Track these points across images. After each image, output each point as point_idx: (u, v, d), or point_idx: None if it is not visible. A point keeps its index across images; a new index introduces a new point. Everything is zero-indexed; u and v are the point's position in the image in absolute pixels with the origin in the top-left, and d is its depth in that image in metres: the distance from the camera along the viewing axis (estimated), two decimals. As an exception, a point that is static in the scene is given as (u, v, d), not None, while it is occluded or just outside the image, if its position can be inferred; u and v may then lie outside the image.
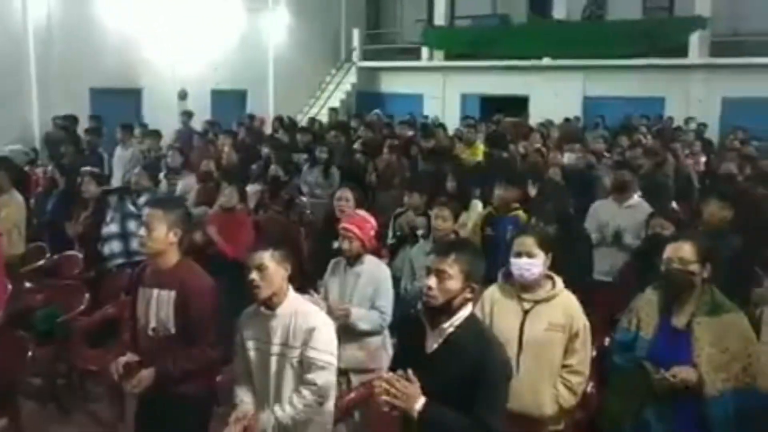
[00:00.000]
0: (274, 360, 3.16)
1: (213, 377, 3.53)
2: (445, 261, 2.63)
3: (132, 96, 13.46)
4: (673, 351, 3.10)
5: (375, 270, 4.09)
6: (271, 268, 3.10)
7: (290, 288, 3.24)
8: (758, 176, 7.11)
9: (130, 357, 3.35)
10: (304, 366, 3.11)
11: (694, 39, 14.16)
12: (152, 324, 3.34)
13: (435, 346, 2.66)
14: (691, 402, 3.04)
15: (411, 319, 2.87)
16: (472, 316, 2.70)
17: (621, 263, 5.17)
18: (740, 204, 4.88)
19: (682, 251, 3.15)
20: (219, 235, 5.50)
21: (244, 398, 3.26)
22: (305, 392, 3.09)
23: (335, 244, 4.24)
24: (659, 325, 3.18)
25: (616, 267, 5.23)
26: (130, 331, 3.57)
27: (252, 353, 3.23)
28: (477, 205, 6.47)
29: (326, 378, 3.12)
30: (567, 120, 13.35)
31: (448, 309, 2.63)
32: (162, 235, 3.31)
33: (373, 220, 4.25)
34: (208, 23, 14.55)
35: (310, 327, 3.11)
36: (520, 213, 5.46)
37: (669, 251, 3.19)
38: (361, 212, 4.42)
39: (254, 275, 3.09)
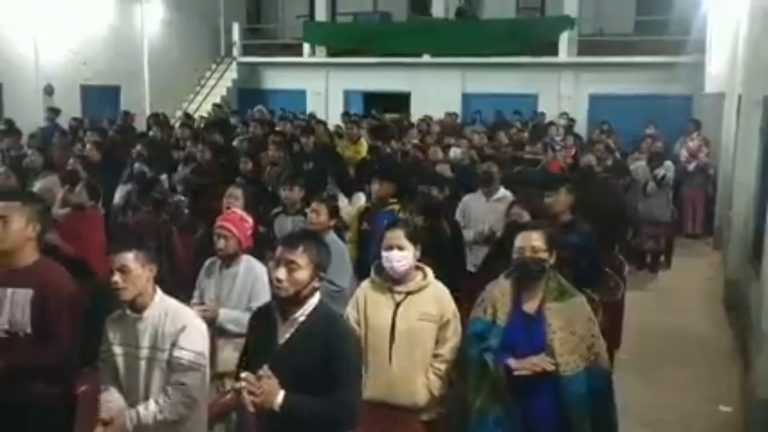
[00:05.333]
0: (143, 364, 3.03)
1: (72, 381, 3.35)
2: (295, 252, 2.65)
3: (-9, 92, 12.54)
4: (527, 337, 3.22)
5: (251, 270, 4.00)
6: (135, 269, 2.97)
7: (158, 289, 3.11)
8: (616, 167, 7.56)
9: None
10: (172, 366, 3.00)
11: (564, 38, 14.88)
12: (5, 325, 3.14)
13: (287, 336, 2.69)
14: (543, 393, 3.17)
15: (261, 312, 2.90)
16: (321, 303, 2.75)
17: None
18: (597, 193, 5.14)
19: (533, 240, 3.29)
20: (69, 236, 5.15)
21: (110, 398, 3.08)
22: (171, 391, 2.98)
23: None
24: (512, 313, 3.29)
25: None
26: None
27: (120, 358, 3.09)
28: (360, 199, 6.48)
29: (194, 378, 3.01)
30: (449, 114, 13.67)
31: (297, 299, 2.67)
32: (19, 229, 3.13)
33: (250, 219, 4.17)
34: (75, 14, 13.76)
35: (179, 327, 3.01)
36: (396, 208, 5.49)
37: (520, 241, 3.31)
38: (239, 211, 4.34)
39: (116, 277, 2.95)
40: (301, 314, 2.68)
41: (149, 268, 3.03)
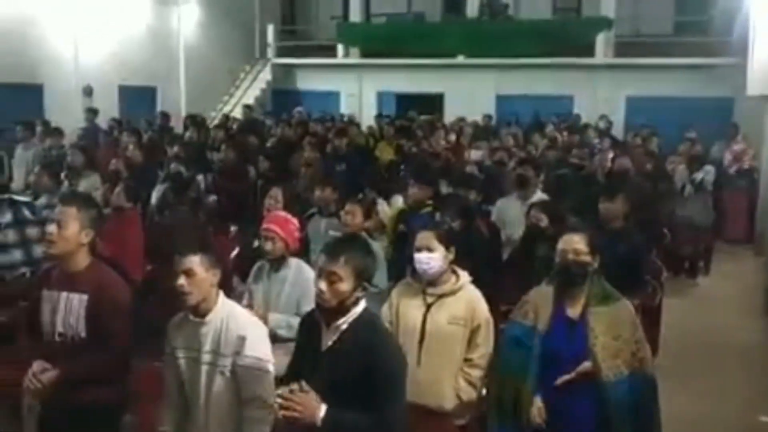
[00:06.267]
0: (204, 369, 3.01)
1: (124, 384, 3.37)
2: (336, 263, 2.57)
3: (32, 92, 12.69)
4: (569, 341, 3.18)
5: (300, 274, 3.93)
6: (200, 273, 2.93)
7: (221, 293, 3.08)
8: (657, 172, 7.42)
9: (41, 365, 3.10)
10: (239, 376, 2.97)
11: (600, 39, 14.68)
12: (59, 329, 3.16)
13: (329, 343, 2.65)
14: (583, 397, 3.13)
15: (308, 319, 2.85)
16: (366, 312, 2.68)
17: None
18: (634, 198, 5.07)
19: (576, 243, 3.23)
20: (109, 237, 5.21)
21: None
22: (252, 412, 2.94)
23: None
24: (554, 317, 3.25)
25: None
26: (30, 337, 3.35)
27: (182, 362, 3.08)
28: (398, 201, 6.48)
29: (267, 384, 2.97)
30: (488, 117, 13.59)
31: (340, 309, 2.61)
32: (73, 235, 3.14)
33: (295, 220, 4.14)
34: (114, 16, 14.00)
35: (241, 335, 2.98)
36: (431, 210, 5.46)
37: (562, 243, 3.25)
38: (282, 212, 4.31)
39: (182, 281, 2.90)
40: (344, 322, 2.62)
41: (213, 273, 2.98)
